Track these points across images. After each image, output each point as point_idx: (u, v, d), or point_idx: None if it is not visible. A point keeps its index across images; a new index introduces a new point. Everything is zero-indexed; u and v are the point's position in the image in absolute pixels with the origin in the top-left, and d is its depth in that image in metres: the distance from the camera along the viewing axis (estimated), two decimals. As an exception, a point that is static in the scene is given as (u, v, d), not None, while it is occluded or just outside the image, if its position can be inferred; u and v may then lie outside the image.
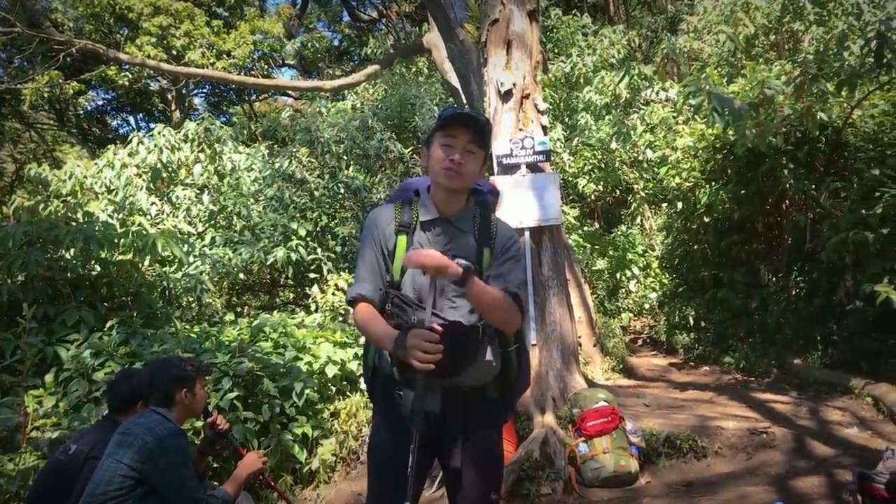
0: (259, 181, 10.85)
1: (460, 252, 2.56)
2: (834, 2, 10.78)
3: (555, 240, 6.80)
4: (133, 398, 3.62)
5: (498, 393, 2.71)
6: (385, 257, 2.61)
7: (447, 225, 2.62)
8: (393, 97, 13.29)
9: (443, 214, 2.62)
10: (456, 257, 2.49)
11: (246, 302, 10.10)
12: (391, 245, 2.60)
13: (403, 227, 2.61)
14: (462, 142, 2.55)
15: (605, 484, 5.19)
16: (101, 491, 3.01)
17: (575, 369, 6.54)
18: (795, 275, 8.91)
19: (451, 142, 2.55)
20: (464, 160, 2.54)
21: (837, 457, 5.26)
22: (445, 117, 2.57)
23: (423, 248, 2.55)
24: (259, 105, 24.92)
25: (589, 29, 15.16)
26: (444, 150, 2.55)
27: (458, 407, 2.55)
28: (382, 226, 2.63)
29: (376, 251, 2.61)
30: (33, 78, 16.82)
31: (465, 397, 2.57)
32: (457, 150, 2.54)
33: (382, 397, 2.70)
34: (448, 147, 2.55)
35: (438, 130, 2.58)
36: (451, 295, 2.55)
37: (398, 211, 2.65)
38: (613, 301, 12.12)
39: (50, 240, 6.30)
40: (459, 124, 2.55)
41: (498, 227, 2.69)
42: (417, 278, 2.54)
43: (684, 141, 9.99)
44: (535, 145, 6.57)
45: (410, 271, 2.55)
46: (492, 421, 2.74)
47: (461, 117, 2.56)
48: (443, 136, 2.56)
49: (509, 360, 2.72)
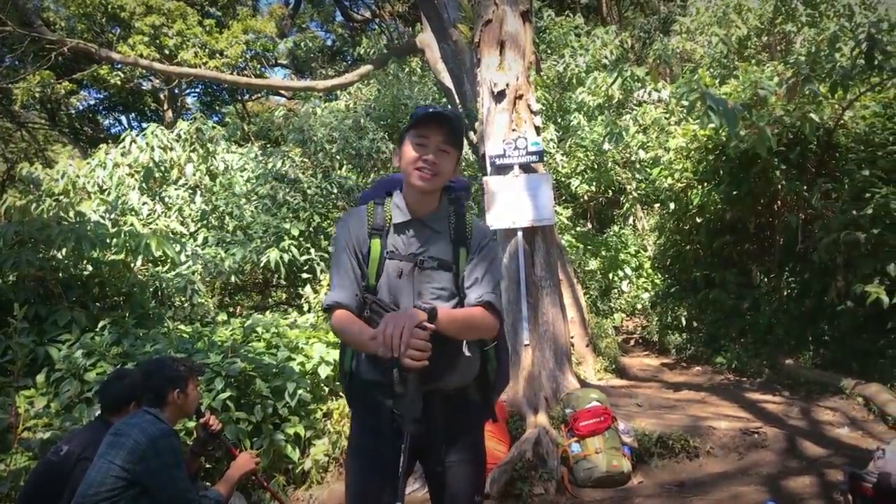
0: (252, 181, 10.83)
1: (436, 253, 2.54)
2: (826, 3, 10.82)
3: (548, 240, 6.81)
4: (126, 399, 3.61)
5: (478, 394, 2.68)
6: (360, 262, 2.55)
7: (421, 226, 2.57)
8: (386, 97, 13.30)
9: (416, 215, 2.57)
10: (430, 258, 2.50)
11: (238, 302, 10.08)
12: (365, 249, 2.55)
13: (376, 230, 2.55)
14: (435, 141, 2.49)
15: (597, 484, 5.20)
16: (93, 492, 3.00)
17: (567, 369, 6.55)
18: (787, 275, 8.94)
19: (423, 141, 2.49)
20: (438, 160, 2.49)
21: (829, 457, 5.29)
22: (418, 116, 2.50)
23: (398, 251, 2.53)
24: (252, 105, 24.88)
25: (582, 30, 15.17)
26: (417, 150, 2.49)
27: (440, 411, 2.50)
28: (355, 229, 2.57)
29: (350, 256, 2.54)
30: (25, 77, 16.77)
31: (447, 400, 2.53)
32: (430, 150, 2.48)
33: (361, 403, 2.66)
34: (421, 146, 2.49)
35: (411, 129, 2.52)
36: (429, 297, 2.51)
37: (370, 213, 2.59)
38: (606, 301, 12.14)
39: (42, 239, 6.26)
40: (432, 123, 2.49)
41: (473, 225, 2.65)
42: (393, 281, 2.51)
43: (677, 142, 10.01)
44: (529, 146, 6.58)
45: (386, 274, 2.52)
46: (474, 422, 2.71)
47: (434, 116, 2.50)
48: (415, 135, 2.50)
49: (488, 358, 2.69)
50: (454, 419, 2.56)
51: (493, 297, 2.53)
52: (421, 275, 2.52)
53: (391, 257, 2.52)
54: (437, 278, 2.54)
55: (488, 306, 2.51)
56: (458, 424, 2.59)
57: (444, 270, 2.55)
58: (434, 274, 2.54)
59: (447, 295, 2.55)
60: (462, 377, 2.57)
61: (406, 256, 2.53)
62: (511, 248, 6.67)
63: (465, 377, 2.59)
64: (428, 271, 2.53)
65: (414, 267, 2.52)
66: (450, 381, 2.51)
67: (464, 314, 2.49)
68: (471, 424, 2.69)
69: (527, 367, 6.40)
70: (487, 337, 2.62)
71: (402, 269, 2.51)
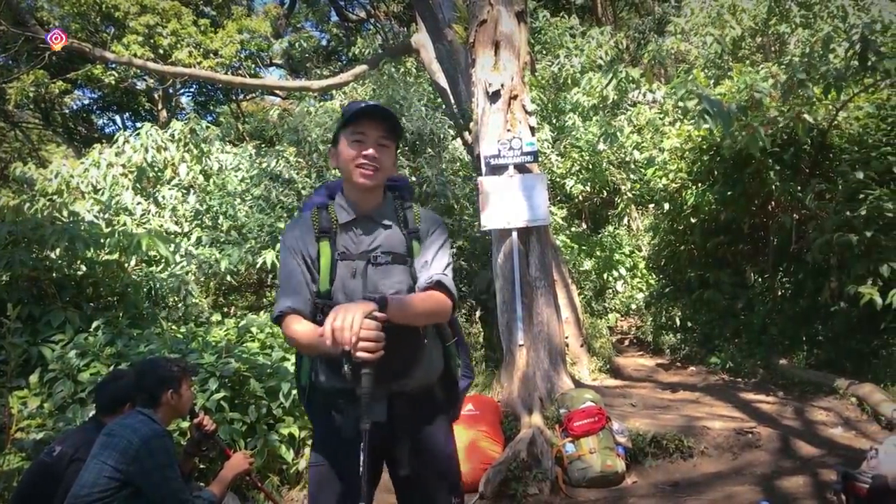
0: (246, 181, 10.80)
1: (388, 248, 2.48)
2: (819, 4, 10.87)
3: (542, 240, 6.82)
4: (122, 400, 3.60)
5: (444, 392, 2.63)
6: (309, 267, 2.46)
7: (369, 222, 2.51)
8: (381, 97, 13.26)
9: (362, 212, 2.51)
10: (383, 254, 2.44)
11: (233, 302, 10.06)
12: (314, 253, 2.46)
13: (324, 232, 2.48)
14: (374, 136, 2.44)
15: (591, 484, 5.20)
16: (86, 493, 2.98)
17: (562, 369, 6.56)
18: (781, 276, 8.96)
19: (361, 137, 2.43)
20: (378, 154, 2.43)
21: (822, 457, 5.30)
22: (353, 112, 2.44)
23: (349, 251, 2.46)
24: (246, 105, 24.83)
25: (577, 30, 15.21)
26: (356, 147, 2.43)
27: (407, 413, 2.45)
28: (301, 236, 2.49)
29: (300, 262, 2.46)
30: (18, 77, 16.73)
31: (413, 402, 2.47)
32: (369, 145, 2.43)
33: (323, 414, 2.54)
34: (359, 143, 2.43)
35: (346, 127, 2.46)
36: (389, 293, 2.40)
37: (315, 218, 2.51)
38: (600, 301, 12.14)
39: (35, 239, 6.25)
40: (369, 118, 2.44)
41: (422, 216, 2.61)
42: (348, 283, 2.43)
43: (671, 142, 10.02)
44: (523, 146, 6.58)
45: (339, 277, 2.44)
46: (442, 423, 2.63)
47: (371, 111, 2.44)
48: (352, 132, 2.44)
49: (451, 355, 2.64)
50: (422, 421, 2.51)
51: (442, 277, 2.48)
52: (375, 272, 2.45)
53: (343, 258, 2.45)
54: (392, 273, 2.47)
55: (438, 286, 2.46)
56: (427, 426, 2.53)
57: (399, 264, 2.49)
58: (389, 269, 2.47)
59: (405, 289, 2.48)
60: (427, 374, 2.52)
61: (358, 255, 2.46)
62: (506, 248, 6.68)
63: (430, 375, 2.54)
64: (382, 267, 2.46)
65: (367, 264, 2.45)
66: (415, 377, 2.45)
67: (414, 298, 2.41)
68: (440, 426, 2.61)
69: (521, 368, 6.40)
70: (443, 320, 2.57)
71: (356, 269, 2.45)
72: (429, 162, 10.38)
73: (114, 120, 24.64)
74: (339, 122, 2.51)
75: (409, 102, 11.47)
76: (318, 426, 2.62)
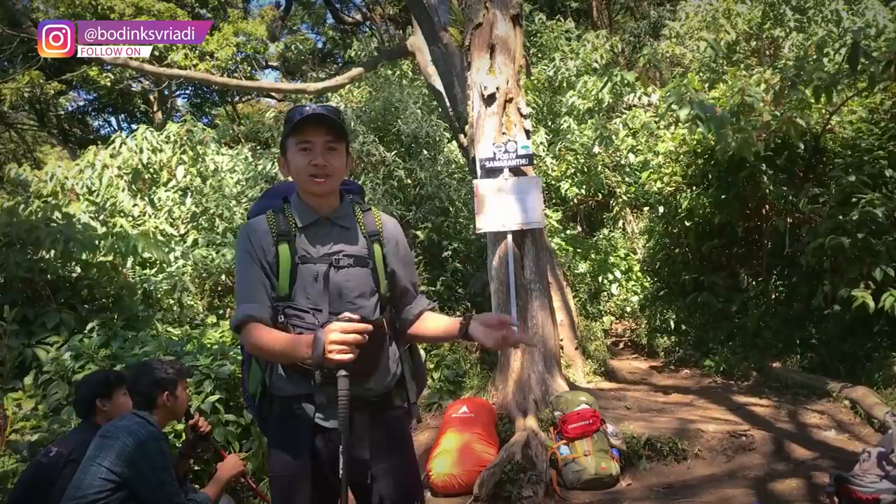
0: (241, 183, 10.80)
1: (349, 251, 2.45)
2: (814, 9, 10.91)
3: (537, 243, 6.84)
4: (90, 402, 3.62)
5: (400, 398, 2.58)
6: (268, 271, 2.38)
7: (329, 223, 2.47)
8: (377, 100, 13.29)
9: (322, 214, 2.46)
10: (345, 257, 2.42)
11: (228, 304, 10.04)
12: (272, 256, 2.38)
13: (282, 235, 2.40)
14: (320, 142, 2.38)
15: (586, 486, 5.22)
16: (81, 494, 2.99)
17: (557, 372, 6.57)
18: (775, 279, 9.00)
19: (308, 145, 2.37)
20: (327, 160, 2.38)
21: (816, 459, 5.32)
22: (296, 121, 2.37)
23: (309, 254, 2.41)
24: (242, 107, 24.81)
25: (572, 34, 15.24)
26: (305, 156, 2.37)
27: (365, 420, 2.41)
28: (258, 239, 2.40)
29: (258, 267, 2.37)
30: (14, 78, 16.70)
31: (373, 409, 2.44)
32: (317, 153, 2.37)
33: (279, 420, 2.45)
34: (307, 150, 2.37)
35: (292, 136, 2.40)
36: (353, 296, 2.42)
37: (271, 221, 2.43)
38: (595, 304, 12.17)
39: (30, 241, 6.24)
40: (312, 124, 2.38)
41: (382, 220, 2.59)
42: (310, 288, 2.38)
43: (666, 146, 10.05)
44: (518, 149, 6.60)
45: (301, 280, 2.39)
46: (400, 427, 2.58)
47: (312, 118, 2.37)
48: (299, 140, 2.38)
49: (406, 360, 2.62)
50: (381, 426, 2.47)
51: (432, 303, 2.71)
52: (337, 275, 2.41)
53: (304, 261, 2.40)
54: (354, 276, 2.44)
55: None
56: (386, 432, 2.49)
57: (361, 267, 2.46)
58: (351, 272, 2.43)
59: (368, 292, 2.46)
60: (386, 378, 2.49)
61: (320, 258, 2.41)
62: (501, 251, 6.69)
63: (390, 379, 2.51)
64: (344, 270, 2.42)
65: (329, 267, 2.40)
66: (375, 381, 2.43)
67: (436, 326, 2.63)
68: (398, 429, 2.57)
69: (516, 371, 6.42)
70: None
71: (318, 272, 2.39)
72: (424, 164, 10.40)
73: (109, 122, 24.66)
74: (284, 131, 2.45)
75: (404, 105, 11.51)
76: (275, 435, 2.50)
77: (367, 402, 2.41)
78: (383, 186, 10.12)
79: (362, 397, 2.37)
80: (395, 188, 10.24)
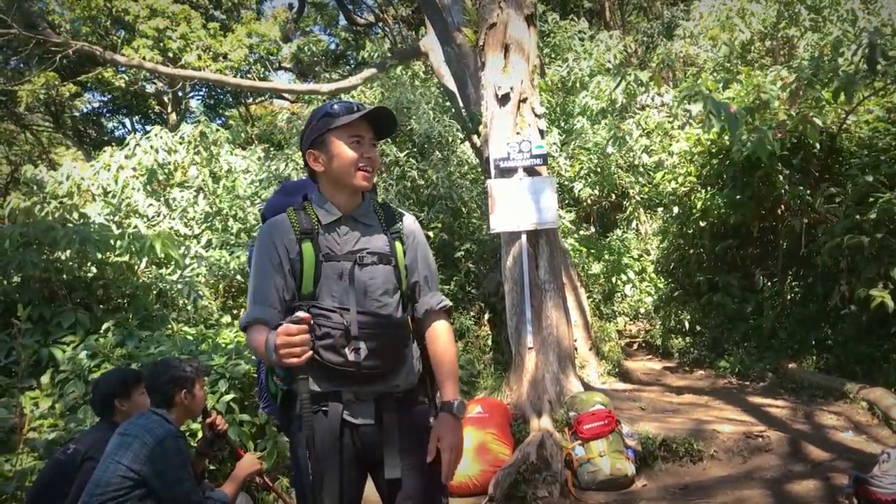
0: (255, 183, 10.85)
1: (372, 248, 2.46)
2: (829, 8, 10.85)
3: (551, 243, 6.82)
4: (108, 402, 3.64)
5: (424, 393, 2.61)
6: (291, 270, 2.40)
7: (353, 222, 2.49)
8: (389, 101, 13.32)
9: (345, 213, 2.48)
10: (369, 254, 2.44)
11: (242, 305, 10.08)
12: (295, 254, 2.40)
13: (306, 233, 2.41)
14: (368, 137, 2.45)
15: (601, 487, 5.21)
16: (101, 491, 3.00)
17: (571, 373, 6.56)
18: (790, 279, 8.94)
19: (359, 139, 2.43)
20: (373, 155, 2.46)
21: (833, 461, 5.27)
22: (352, 116, 2.41)
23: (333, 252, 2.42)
24: (255, 108, 24.92)
25: (585, 34, 15.24)
26: (355, 149, 2.41)
27: (394, 416, 2.42)
28: (280, 237, 2.42)
29: (276, 266, 2.39)
30: (30, 80, 16.83)
31: (399, 403, 2.46)
32: (366, 147, 2.43)
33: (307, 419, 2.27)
34: (357, 144, 2.42)
35: (339, 129, 2.42)
36: (378, 294, 2.43)
37: (293, 219, 2.45)
38: (609, 305, 12.13)
39: (46, 241, 6.28)
40: (364, 120, 2.44)
41: (402, 217, 2.62)
42: (335, 285, 2.39)
43: (680, 146, 10.02)
44: (532, 149, 6.59)
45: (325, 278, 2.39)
46: (425, 423, 2.56)
47: (375, 112, 2.45)
48: (350, 134, 2.42)
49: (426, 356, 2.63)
50: (408, 422, 2.47)
51: (447, 303, 2.62)
52: (362, 272, 2.42)
53: (328, 259, 2.41)
54: (377, 274, 2.45)
55: (447, 314, 2.62)
56: (415, 428, 2.50)
57: (384, 264, 2.48)
58: (374, 269, 2.45)
59: (392, 289, 2.48)
60: (412, 375, 2.51)
61: (344, 256, 2.42)
62: (515, 251, 6.68)
63: (415, 375, 2.53)
64: (368, 267, 2.44)
65: (354, 265, 2.41)
66: (402, 377, 2.45)
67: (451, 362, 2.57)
68: (424, 424, 2.55)
69: (530, 371, 6.41)
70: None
71: (343, 270, 2.41)
72: (436, 165, 10.40)
73: (123, 123, 24.76)
74: (324, 123, 2.46)
75: (417, 105, 11.51)
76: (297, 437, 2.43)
77: (395, 399, 2.44)
78: (396, 187, 10.13)
79: (391, 394, 2.41)
80: (408, 189, 10.25)
